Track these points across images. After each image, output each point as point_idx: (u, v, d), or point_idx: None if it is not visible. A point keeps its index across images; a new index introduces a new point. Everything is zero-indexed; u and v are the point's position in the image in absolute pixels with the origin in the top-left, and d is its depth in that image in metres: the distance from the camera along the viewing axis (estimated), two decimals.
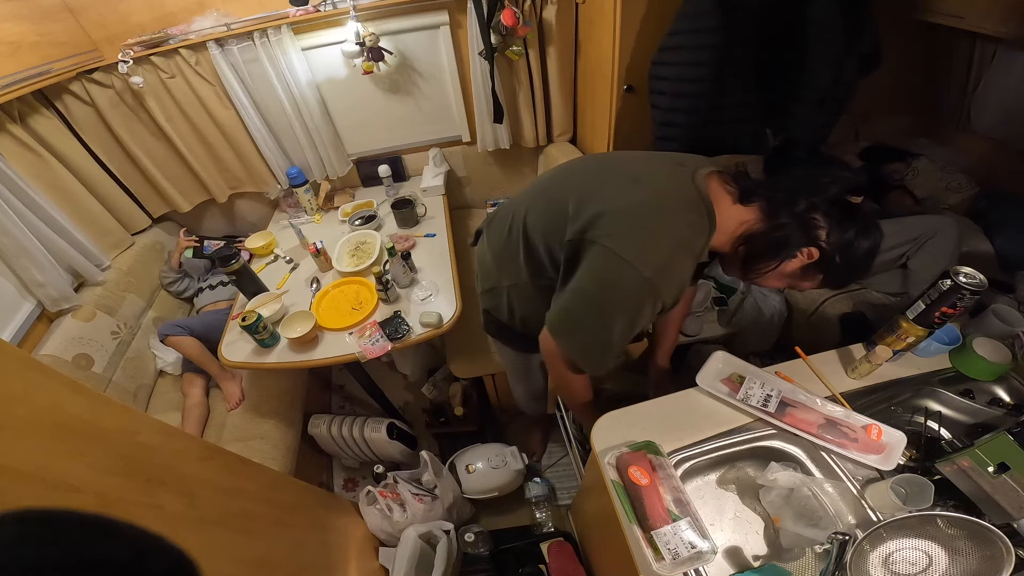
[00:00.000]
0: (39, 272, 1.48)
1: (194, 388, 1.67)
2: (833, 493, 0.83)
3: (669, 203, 0.80)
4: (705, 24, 1.19)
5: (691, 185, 0.81)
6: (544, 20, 1.75)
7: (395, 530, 1.37)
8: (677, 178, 0.83)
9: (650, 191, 0.81)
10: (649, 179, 0.84)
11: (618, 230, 0.79)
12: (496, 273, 1.06)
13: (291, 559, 1.00)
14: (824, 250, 0.80)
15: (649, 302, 0.80)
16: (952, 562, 0.72)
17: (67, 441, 0.58)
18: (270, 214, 2.20)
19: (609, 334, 0.84)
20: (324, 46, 1.81)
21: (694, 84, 1.28)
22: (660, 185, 0.83)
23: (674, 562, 0.73)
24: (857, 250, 0.80)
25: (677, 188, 0.81)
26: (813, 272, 0.84)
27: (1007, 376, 0.97)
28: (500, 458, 1.62)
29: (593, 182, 0.87)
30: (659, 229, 0.78)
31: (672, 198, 0.80)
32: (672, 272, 0.79)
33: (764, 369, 1.02)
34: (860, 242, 0.79)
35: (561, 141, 2.11)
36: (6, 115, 1.51)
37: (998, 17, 1.38)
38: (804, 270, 0.83)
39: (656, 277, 0.77)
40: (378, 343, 1.38)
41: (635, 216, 0.79)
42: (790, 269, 0.83)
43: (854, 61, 1.24)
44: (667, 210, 0.79)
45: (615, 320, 0.82)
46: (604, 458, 0.87)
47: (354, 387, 2.12)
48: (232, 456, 0.95)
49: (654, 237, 0.77)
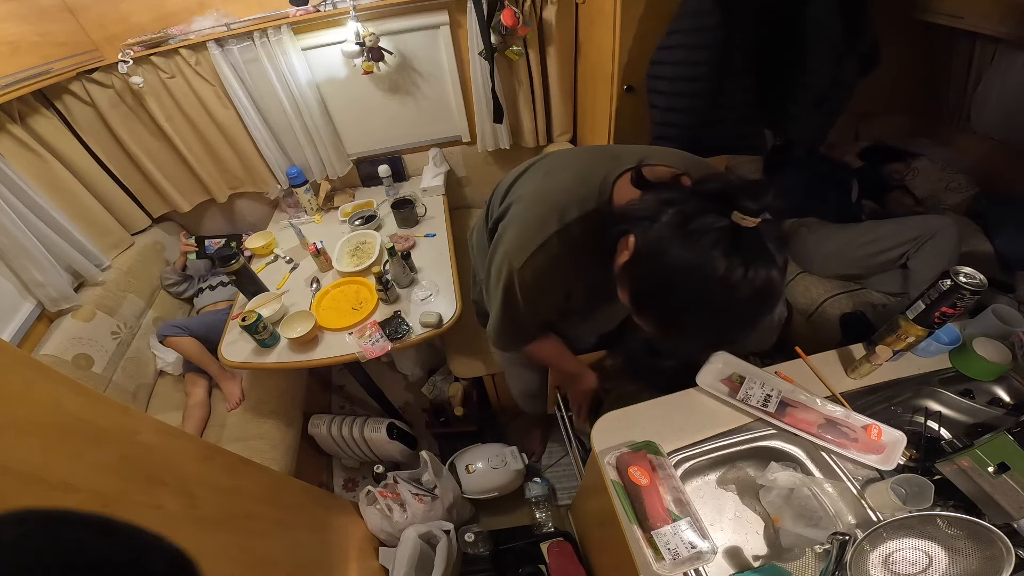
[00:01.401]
0: (39, 272, 1.48)
1: (197, 388, 1.67)
2: (833, 493, 0.83)
3: (559, 195, 0.76)
4: (704, 23, 1.19)
5: (599, 178, 0.74)
6: (544, 20, 1.75)
7: (395, 530, 1.37)
8: (591, 170, 0.77)
9: (552, 183, 0.80)
10: (566, 170, 0.81)
11: (510, 219, 0.81)
12: (479, 264, 1.08)
13: (291, 559, 1.00)
14: (638, 242, 0.62)
15: (518, 293, 0.80)
16: (952, 562, 0.72)
17: (67, 441, 0.58)
18: (270, 214, 2.20)
19: (499, 316, 0.87)
20: (324, 46, 1.81)
21: (692, 84, 1.28)
22: (565, 178, 0.79)
23: (674, 562, 0.73)
24: (675, 264, 0.56)
25: (580, 181, 0.76)
26: (626, 277, 0.65)
27: (1007, 376, 0.97)
28: (500, 458, 1.62)
29: (532, 172, 0.87)
30: (535, 223, 0.76)
31: (565, 190, 0.76)
32: (537, 267, 0.76)
33: (764, 369, 1.02)
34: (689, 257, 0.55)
35: (561, 141, 2.11)
36: (6, 115, 1.51)
37: (998, 17, 1.38)
38: (623, 270, 0.65)
39: (522, 270, 0.77)
40: (378, 343, 1.38)
41: (525, 207, 0.80)
42: (619, 264, 0.66)
43: (852, 61, 1.25)
44: (551, 203, 0.76)
45: (498, 303, 0.85)
46: (604, 458, 0.87)
47: (354, 387, 2.12)
48: (232, 456, 0.95)
49: (529, 230, 0.76)
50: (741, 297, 0.55)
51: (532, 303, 0.84)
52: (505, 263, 0.79)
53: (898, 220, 1.62)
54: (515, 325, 0.90)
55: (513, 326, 0.90)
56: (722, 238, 0.54)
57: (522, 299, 0.82)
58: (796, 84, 1.30)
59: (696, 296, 0.57)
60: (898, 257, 1.55)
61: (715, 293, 0.55)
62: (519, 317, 0.87)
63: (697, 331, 0.63)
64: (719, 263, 0.54)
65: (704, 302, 0.57)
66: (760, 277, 0.54)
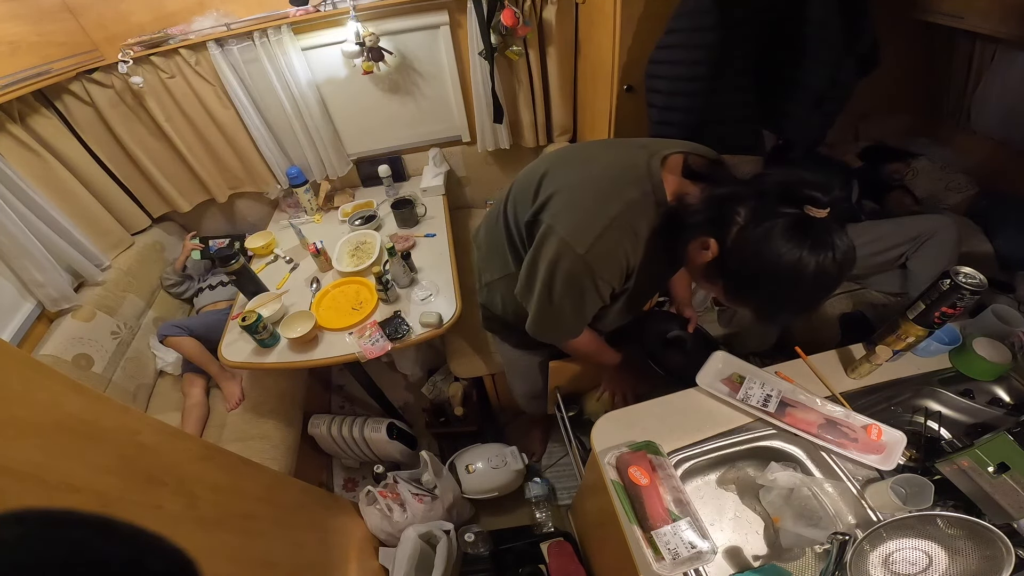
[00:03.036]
0: (39, 272, 1.48)
1: (194, 388, 1.67)
2: (833, 493, 0.83)
3: (608, 181, 0.78)
4: (703, 23, 1.19)
5: (643, 164, 0.77)
6: (544, 20, 1.75)
7: (395, 530, 1.37)
8: (630, 158, 0.79)
9: (596, 171, 0.81)
10: (600, 159, 0.83)
11: (559, 209, 0.79)
12: (488, 266, 1.07)
13: (291, 559, 1.00)
14: (722, 246, 0.68)
15: (587, 279, 0.79)
16: (952, 562, 0.72)
17: (67, 441, 0.58)
18: (270, 214, 2.20)
19: (555, 309, 0.85)
20: (324, 46, 1.80)
21: (691, 83, 1.28)
22: (607, 165, 0.81)
23: (674, 562, 0.73)
24: (768, 263, 0.63)
25: (624, 167, 0.78)
26: (714, 274, 0.72)
27: (1007, 376, 0.97)
28: (500, 458, 1.62)
29: (559, 165, 0.87)
30: (593, 207, 0.76)
31: (614, 176, 0.78)
32: (605, 249, 0.76)
33: (764, 369, 1.02)
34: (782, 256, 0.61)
35: (561, 141, 2.11)
36: (6, 115, 1.51)
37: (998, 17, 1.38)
38: (708, 268, 0.73)
39: (588, 254, 0.76)
40: (378, 343, 1.38)
41: (575, 195, 0.79)
42: (698, 262, 0.73)
43: (852, 62, 1.24)
44: (604, 188, 0.77)
45: (556, 295, 0.83)
46: (604, 458, 0.87)
47: (354, 387, 2.12)
48: (232, 456, 0.95)
49: (588, 215, 0.76)
50: (830, 274, 0.62)
51: (595, 288, 0.81)
52: (566, 251, 0.77)
53: (897, 220, 1.62)
54: (575, 313, 0.87)
55: (571, 316, 0.88)
56: (802, 232, 0.61)
57: (587, 285, 0.80)
58: (795, 84, 1.30)
59: (794, 285, 0.64)
60: (897, 257, 1.55)
61: (809, 278, 0.62)
62: (580, 304, 0.85)
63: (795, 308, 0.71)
64: (808, 257, 0.61)
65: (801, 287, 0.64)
66: (840, 251, 0.62)
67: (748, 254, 0.65)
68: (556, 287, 0.82)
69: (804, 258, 0.61)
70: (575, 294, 0.82)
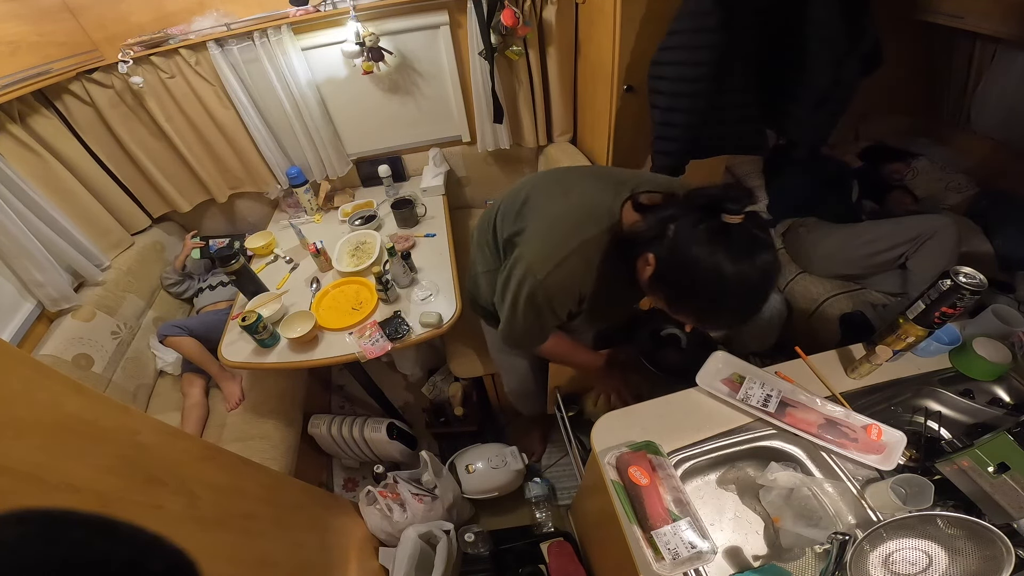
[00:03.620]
0: (39, 272, 1.48)
1: (193, 388, 1.67)
2: (833, 493, 0.83)
3: (574, 220, 0.88)
4: (705, 23, 1.19)
5: (608, 203, 0.86)
6: (544, 20, 1.75)
7: (395, 530, 1.37)
8: (599, 196, 0.89)
9: (565, 208, 0.91)
10: (575, 192, 0.93)
11: (530, 237, 0.92)
12: (479, 258, 1.17)
13: (291, 559, 1.00)
14: (658, 259, 0.76)
15: (543, 301, 0.90)
16: (952, 562, 0.72)
17: (67, 441, 0.58)
18: (270, 214, 2.19)
19: (519, 321, 0.96)
20: (324, 46, 1.80)
21: (693, 84, 1.28)
22: (578, 202, 0.91)
23: (674, 562, 0.73)
24: (692, 268, 0.70)
25: (592, 206, 0.88)
26: (656, 286, 0.79)
27: (1007, 376, 0.97)
28: (500, 458, 1.62)
29: (540, 192, 0.98)
30: (556, 240, 0.87)
31: (579, 217, 0.88)
32: (560, 276, 0.87)
33: (764, 369, 1.02)
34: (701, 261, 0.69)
35: (561, 141, 2.11)
36: (6, 115, 1.50)
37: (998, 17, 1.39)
38: (651, 282, 0.79)
39: (546, 280, 0.87)
40: (378, 343, 1.38)
41: (544, 226, 0.91)
42: (644, 277, 0.80)
43: (854, 62, 1.24)
44: (568, 227, 0.88)
45: (519, 311, 0.94)
46: (604, 458, 0.87)
47: (354, 387, 2.12)
48: (232, 456, 0.95)
49: (550, 246, 0.87)
50: (751, 278, 0.69)
51: (551, 309, 0.92)
52: (529, 275, 0.89)
53: (897, 220, 1.62)
54: (535, 328, 0.99)
55: (531, 330, 1.00)
56: (720, 237, 0.68)
57: (543, 306, 0.91)
58: (797, 84, 1.30)
59: (717, 288, 0.70)
60: (897, 257, 1.55)
61: (731, 281, 0.68)
62: (538, 321, 0.96)
63: (727, 314, 0.77)
64: (724, 259, 0.68)
65: (725, 290, 0.70)
66: (761, 259, 0.69)
67: (677, 262, 0.73)
68: (520, 304, 0.93)
69: (722, 262, 0.68)
70: (534, 312, 0.93)
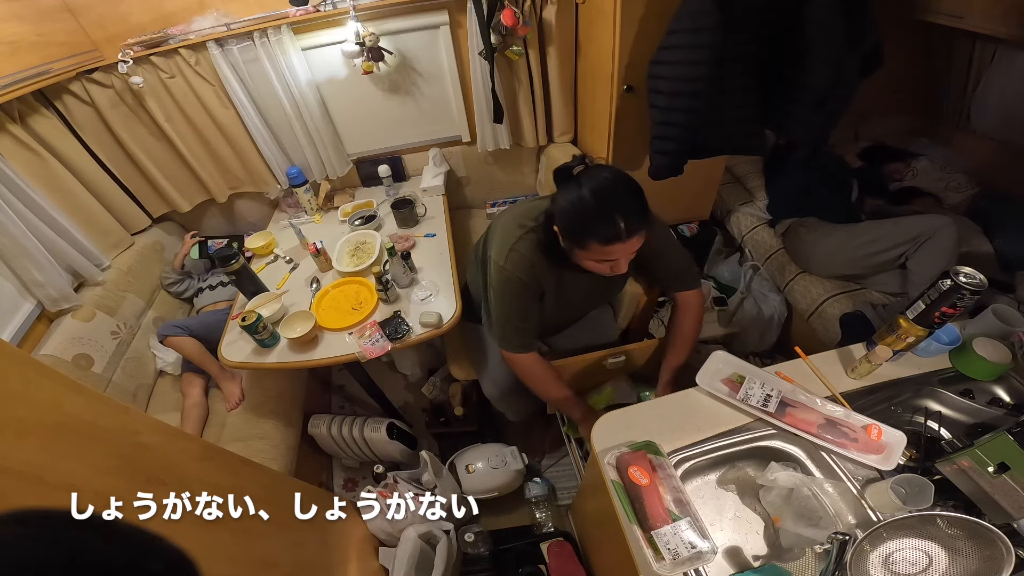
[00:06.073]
0: (39, 272, 1.48)
1: (193, 388, 1.67)
2: (833, 493, 0.83)
3: (517, 220, 1.11)
4: (704, 23, 1.19)
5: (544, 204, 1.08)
6: (544, 20, 1.75)
7: (395, 530, 1.37)
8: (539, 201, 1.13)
9: (513, 213, 1.15)
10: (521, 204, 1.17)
11: (493, 241, 1.14)
12: (471, 267, 1.38)
13: (291, 559, 1.00)
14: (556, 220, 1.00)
15: (512, 280, 1.09)
16: (952, 562, 0.72)
17: (67, 441, 0.58)
18: (270, 214, 2.19)
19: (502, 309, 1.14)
20: (324, 46, 1.80)
21: (693, 84, 1.28)
22: (522, 207, 1.15)
23: (674, 562, 0.73)
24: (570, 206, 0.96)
25: (530, 206, 1.13)
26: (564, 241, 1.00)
27: (1007, 376, 0.97)
28: (500, 458, 1.62)
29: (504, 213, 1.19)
30: (508, 234, 1.10)
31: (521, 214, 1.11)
32: (515, 257, 1.08)
33: (764, 369, 1.02)
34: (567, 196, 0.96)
35: (562, 141, 2.11)
36: (6, 115, 1.50)
37: (998, 17, 1.39)
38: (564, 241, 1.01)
39: (506, 264, 1.08)
40: (378, 343, 1.38)
41: (498, 228, 1.14)
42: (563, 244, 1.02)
43: (855, 62, 1.24)
44: (514, 224, 1.10)
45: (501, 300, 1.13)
46: (604, 458, 0.87)
47: (354, 387, 2.12)
48: (232, 456, 0.95)
49: (504, 237, 1.10)
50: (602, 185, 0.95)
51: (520, 290, 1.11)
52: (494, 266, 1.10)
53: (897, 220, 1.62)
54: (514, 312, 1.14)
55: (512, 318, 1.15)
56: (572, 181, 0.98)
57: (513, 284, 1.09)
58: (797, 85, 1.30)
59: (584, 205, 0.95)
60: (897, 257, 1.55)
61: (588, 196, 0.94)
62: (517, 304, 1.13)
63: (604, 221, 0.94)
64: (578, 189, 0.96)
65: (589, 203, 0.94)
66: (599, 176, 0.96)
67: (558, 209, 0.99)
68: (496, 291, 1.13)
69: (577, 190, 0.95)
70: (510, 294, 1.11)
